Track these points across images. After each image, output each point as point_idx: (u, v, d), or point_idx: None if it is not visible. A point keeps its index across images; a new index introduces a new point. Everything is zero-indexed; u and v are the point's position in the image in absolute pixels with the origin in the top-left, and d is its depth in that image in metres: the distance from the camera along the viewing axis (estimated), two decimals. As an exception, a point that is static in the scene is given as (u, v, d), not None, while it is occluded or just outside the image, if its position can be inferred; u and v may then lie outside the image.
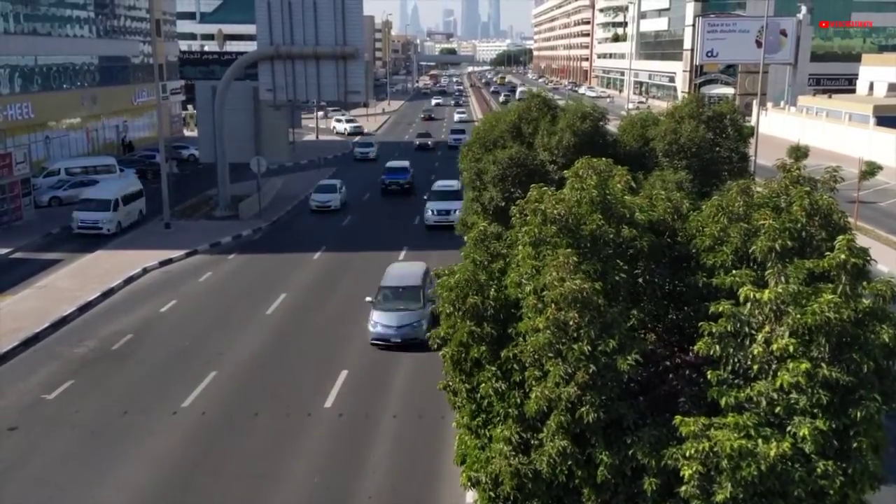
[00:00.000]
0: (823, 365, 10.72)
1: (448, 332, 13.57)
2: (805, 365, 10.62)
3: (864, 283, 11.48)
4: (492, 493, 12.70)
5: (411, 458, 20.59)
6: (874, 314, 11.26)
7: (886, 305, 11.35)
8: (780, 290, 11.14)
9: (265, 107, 49.48)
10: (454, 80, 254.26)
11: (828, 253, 11.72)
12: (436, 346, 13.95)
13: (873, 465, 10.89)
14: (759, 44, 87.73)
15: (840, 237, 11.68)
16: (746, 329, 11.33)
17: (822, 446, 10.63)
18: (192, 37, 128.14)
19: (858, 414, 10.66)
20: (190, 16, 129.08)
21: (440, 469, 19.69)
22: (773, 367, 11.01)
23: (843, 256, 11.31)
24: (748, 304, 11.35)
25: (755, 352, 11.13)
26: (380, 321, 27.53)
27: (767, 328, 11.17)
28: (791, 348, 10.81)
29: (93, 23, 68.61)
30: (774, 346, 10.94)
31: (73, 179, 52.98)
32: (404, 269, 31.47)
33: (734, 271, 12.05)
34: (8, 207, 44.73)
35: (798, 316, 10.85)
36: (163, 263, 38.34)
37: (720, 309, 11.37)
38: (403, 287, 28.83)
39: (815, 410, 10.69)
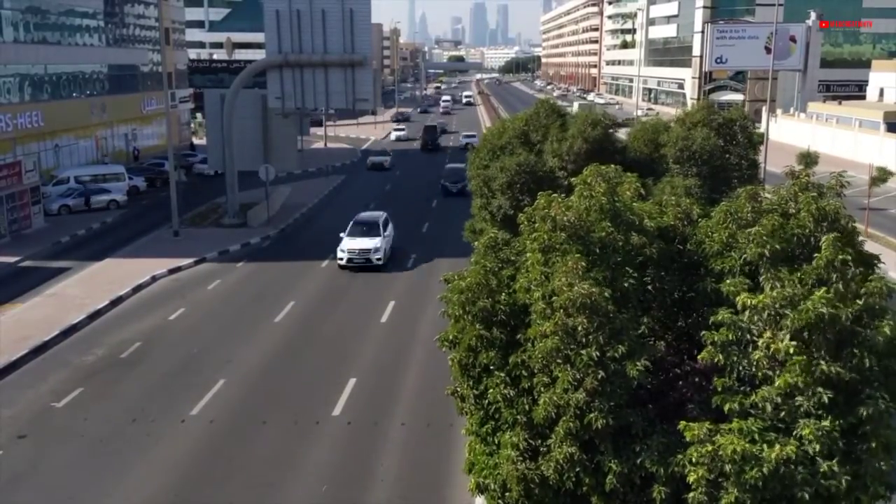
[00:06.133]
0: (822, 361, 10.64)
1: (457, 335, 13.51)
2: (800, 359, 10.55)
3: (859, 279, 11.39)
4: (500, 500, 12.64)
5: (420, 466, 20.51)
6: (871, 311, 11.18)
7: (883, 301, 11.26)
8: (776, 294, 11.09)
9: (274, 115, 49.55)
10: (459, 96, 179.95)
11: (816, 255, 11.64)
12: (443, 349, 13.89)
13: (886, 467, 10.77)
14: (768, 50, 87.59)
15: (824, 237, 11.60)
16: (748, 336, 11.29)
17: (827, 447, 10.52)
18: (201, 45, 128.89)
19: (865, 412, 10.56)
20: (199, 24, 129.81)
21: (449, 477, 19.59)
22: (777, 371, 10.95)
23: (828, 255, 11.28)
24: (747, 312, 11.31)
25: (757, 358, 11.08)
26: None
27: (768, 333, 11.12)
28: (791, 350, 10.75)
29: (102, 31, 68.89)
30: (775, 347, 10.88)
31: (82, 188, 53.19)
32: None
33: (729, 280, 12.01)
34: (17, 216, 44.89)
35: (795, 317, 10.80)
36: (172, 271, 38.39)
37: (720, 318, 11.33)
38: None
39: (820, 411, 10.60)
